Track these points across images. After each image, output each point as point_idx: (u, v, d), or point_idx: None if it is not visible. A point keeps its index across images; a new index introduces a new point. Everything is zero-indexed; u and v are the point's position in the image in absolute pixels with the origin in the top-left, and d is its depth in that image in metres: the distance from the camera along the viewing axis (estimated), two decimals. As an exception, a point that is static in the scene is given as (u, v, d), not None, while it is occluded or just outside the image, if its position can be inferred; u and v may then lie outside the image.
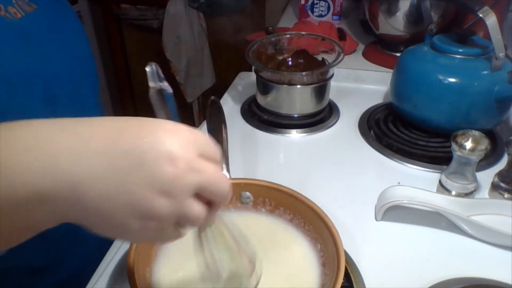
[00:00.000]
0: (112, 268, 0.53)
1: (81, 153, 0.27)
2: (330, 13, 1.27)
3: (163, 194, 0.28)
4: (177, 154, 0.28)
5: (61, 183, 0.27)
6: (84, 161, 0.27)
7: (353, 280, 0.50)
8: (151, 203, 0.28)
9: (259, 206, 0.54)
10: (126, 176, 0.27)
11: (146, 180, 0.27)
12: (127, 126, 0.29)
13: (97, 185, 0.27)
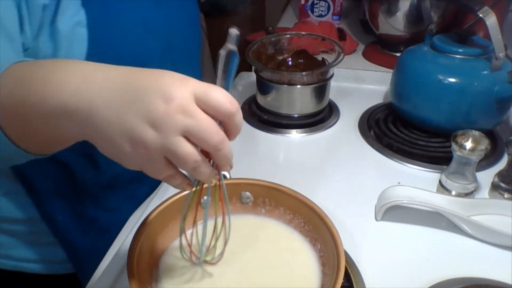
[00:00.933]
0: (112, 268, 0.53)
1: (102, 85, 0.34)
2: (330, 13, 1.27)
3: (152, 127, 0.33)
4: (173, 96, 0.32)
5: (80, 101, 0.34)
6: (102, 91, 0.34)
7: (353, 280, 0.50)
8: (140, 131, 0.33)
9: (259, 206, 0.54)
10: (127, 108, 0.33)
11: (141, 112, 0.33)
12: (144, 71, 0.35)
13: (105, 110, 0.33)
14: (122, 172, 0.64)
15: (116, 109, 0.33)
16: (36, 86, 0.35)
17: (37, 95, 0.35)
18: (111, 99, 0.34)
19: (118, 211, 0.66)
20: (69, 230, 0.63)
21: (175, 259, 0.49)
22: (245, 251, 0.50)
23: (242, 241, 0.51)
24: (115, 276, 0.52)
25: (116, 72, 0.35)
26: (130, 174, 0.65)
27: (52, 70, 0.36)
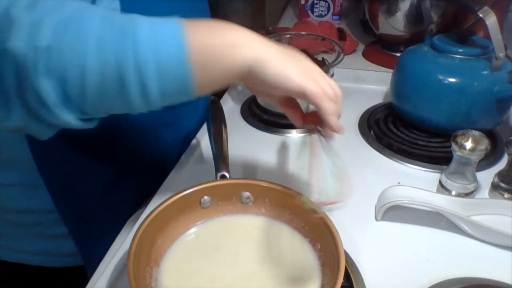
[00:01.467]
0: (112, 268, 0.53)
1: (267, 50, 0.42)
2: (330, 13, 1.27)
3: None
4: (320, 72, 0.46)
5: (256, 57, 0.41)
6: (268, 50, 0.42)
7: (353, 280, 0.50)
8: None
9: (259, 206, 0.54)
10: (292, 63, 0.43)
11: (302, 67, 0.44)
12: None
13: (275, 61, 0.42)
14: (137, 163, 0.67)
15: (284, 57, 0.43)
16: None
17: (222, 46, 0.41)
18: (277, 52, 0.43)
19: (131, 200, 0.68)
20: (80, 219, 0.64)
21: (175, 259, 0.49)
22: (245, 251, 0.50)
23: (242, 241, 0.51)
24: (115, 276, 0.52)
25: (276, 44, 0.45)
26: (145, 165, 0.68)
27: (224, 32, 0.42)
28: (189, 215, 0.52)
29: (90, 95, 0.38)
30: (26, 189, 0.63)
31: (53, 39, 0.36)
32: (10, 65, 0.36)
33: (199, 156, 0.73)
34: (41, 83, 0.36)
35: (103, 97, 0.39)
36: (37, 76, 0.36)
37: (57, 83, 0.37)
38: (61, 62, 0.36)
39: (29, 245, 0.68)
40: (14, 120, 0.39)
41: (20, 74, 0.36)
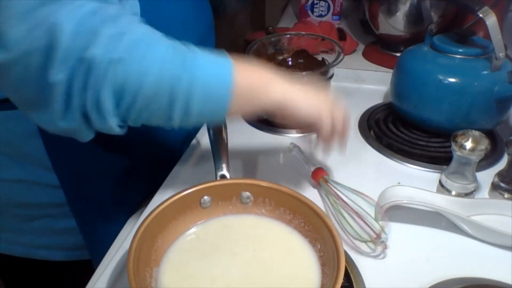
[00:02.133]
0: (112, 268, 0.53)
1: (292, 91, 0.52)
2: (330, 13, 1.27)
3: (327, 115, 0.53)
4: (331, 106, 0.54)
5: (285, 97, 0.51)
6: (293, 91, 0.52)
7: (353, 280, 0.50)
8: None
9: (259, 206, 0.54)
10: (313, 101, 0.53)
11: (323, 104, 0.54)
12: None
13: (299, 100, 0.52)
14: (146, 159, 0.69)
15: (305, 101, 0.52)
16: None
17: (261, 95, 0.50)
18: (300, 96, 0.52)
19: (140, 195, 0.69)
20: (89, 212, 0.65)
21: (175, 259, 0.49)
22: (245, 251, 0.50)
23: (242, 241, 0.51)
24: (115, 276, 0.52)
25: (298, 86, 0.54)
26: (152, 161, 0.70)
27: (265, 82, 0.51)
28: (189, 215, 0.52)
29: (138, 107, 0.44)
30: (36, 184, 0.63)
31: (125, 53, 0.41)
32: (83, 71, 0.40)
33: (199, 156, 0.73)
34: (104, 91, 0.41)
35: (149, 111, 0.45)
36: (103, 84, 0.41)
37: (116, 93, 0.42)
38: (125, 75, 0.42)
39: (34, 239, 0.69)
40: (68, 122, 0.43)
41: (88, 80, 0.41)
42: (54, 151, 0.60)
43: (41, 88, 0.41)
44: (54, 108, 0.42)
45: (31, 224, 0.67)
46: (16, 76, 0.41)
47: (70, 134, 0.46)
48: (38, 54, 0.39)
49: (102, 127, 0.45)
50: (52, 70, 0.40)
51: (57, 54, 0.39)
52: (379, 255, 0.54)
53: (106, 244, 0.59)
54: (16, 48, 0.39)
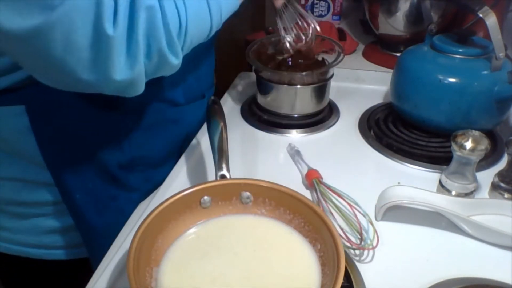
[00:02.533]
0: (112, 268, 0.53)
1: None
2: (330, 13, 1.27)
3: None
4: None
5: None
6: None
7: (353, 280, 0.50)
8: None
9: (259, 206, 0.54)
10: None
11: None
12: None
13: None
14: (142, 156, 0.69)
15: None
16: None
17: None
18: None
19: (137, 192, 0.69)
20: (85, 209, 0.65)
21: (175, 259, 0.49)
22: (245, 251, 0.50)
23: (242, 241, 0.51)
24: (115, 276, 0.52)
25: None
26: (149, 159, 0.71)
27: None
28: (189, 215, 0.52)
29: (191, 33, 0.50)
30: (30, 182, 0.63)
31: None
32: (142, 19, 0.44)
33: (199, 156, 0.73)
34: (166, 30, 0.46)
35: (198, 32, 0.52)
36: (163, 25, 0.46)
37: (174, 28, 0.47)
38: (175, 11, 0.47)
39: (30, 237, 0.68)
40: (127, 73, 0.46)
41: (149, 26, 0.45)
42: (46, 148, 0.59)
43: (97, 44, 0.42)
44: (113, 62, 0.44)
45: (26, 222, 0.67)
46: (65, 36, 0.41)
47: (124, 88, 0.49)
48: (87, 9, 0.41)
49: (167, 67, 0.50)
50: (107, 24, 0.41)
51: (106, 8, 0.41)
52: (365, 259, 0.54)
53: (104, 242, 0.59)
54: (63, 4, 0.39)
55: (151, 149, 0.70)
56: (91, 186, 0.65)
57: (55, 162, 0.61)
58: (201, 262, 0.48)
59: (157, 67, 0.49)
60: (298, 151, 0.72)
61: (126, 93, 0.50)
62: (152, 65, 0.48)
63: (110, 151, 0.65)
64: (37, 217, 0.67)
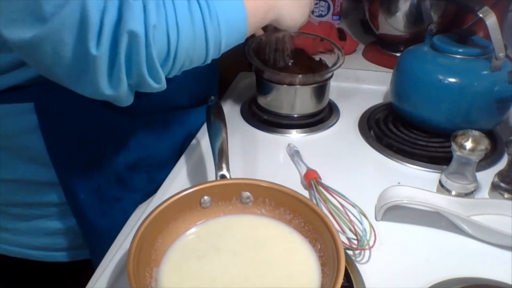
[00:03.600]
0: (112, 268, 0.53)
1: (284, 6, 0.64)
2: (330, 13, 1.26)
3: None
4: None
5: (272, 3, 0.62)
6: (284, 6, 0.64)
7: (353, 280, 0.50)
8: None
9: (259, 206, 0.54)
10: None
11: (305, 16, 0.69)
12: None
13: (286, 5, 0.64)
14: (147, 157, 0.69)
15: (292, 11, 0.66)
16: None
17: None
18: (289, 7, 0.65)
19: (140, 193, 0.69)
20: (89, 210, 0.65)
21: (175, 259, 0.49)
22: (245, 251, 0.50)
23: (242, 241, 0.51)
24: (115, 276, 0.52)
25: None
26: (154, 160, 0.71)
27: None
28: (189, 215, 0.52)
29: (181, 60, 0.50)
30: (33, 183, 0.63)
31: (157, 19, 0.45)
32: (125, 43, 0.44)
33: (199, 156, 0.73)
34: (149, 57, 0.46)
35: (189, 59, 0.51)
36: (146, 51, 0.45)
37: (160, 54, 0.47)
38: (164, 37, 0.46)
39: (31, 239, 0.68)
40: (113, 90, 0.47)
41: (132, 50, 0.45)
42: (54, 147, 0.60)
43: (83, 61, 0.44)
44: (98, 78, 0.45)
45: (28, 224, 0.67)
46: (54, 51, 0.43)
47: (114, 100, 0.50)
48: (73, 28, 0.42)
49: (148, 88, 0.50)
50: (91, 43, 0.43)
51: (91, 29, 0.42)
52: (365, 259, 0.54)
53: (106, 243, 0.59)
54: (51, 21, 0.42)
55: (156, 150, 0.71)
56: (96, 187, 0.65)
57: (62, 161, 0.61)
58: (201, 262, 0.48)
59: (137, 85, 0.50)
60: (297, 151, 0.72)
61: (117, 104, 0.52)
62: (132, 82, 0.48)
63: (117, 151, 0.66)
64: (39, 219, 0.67)
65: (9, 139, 0.60)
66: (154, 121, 0.69)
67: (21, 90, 0.57)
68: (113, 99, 0.50)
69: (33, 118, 0.57)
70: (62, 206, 0.65)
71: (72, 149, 0.61)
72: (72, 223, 0.66)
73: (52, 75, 0.48)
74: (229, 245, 0.50)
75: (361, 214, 0.55)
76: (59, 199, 0.64)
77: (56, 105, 0.58)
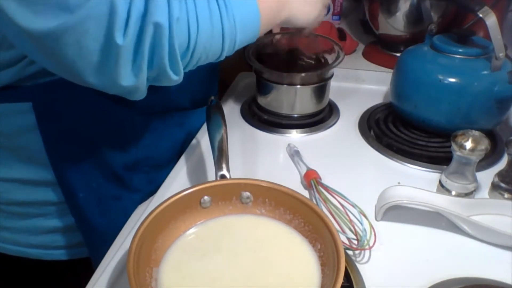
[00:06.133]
0: (112, 268, 0.53)
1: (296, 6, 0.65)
2: (330, 13, 1.26)
3: None
4: None
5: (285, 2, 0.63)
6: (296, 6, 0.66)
7: (353, 280, 0.50)
8: None
9: (259, 206, 0.54)
10: None
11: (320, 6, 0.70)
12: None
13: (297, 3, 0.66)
14: (147, 157, 0.69)
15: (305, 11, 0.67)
16: None
17: None
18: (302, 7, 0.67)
19: (140, 193, 0.69)
20: (88, 209, 0.65)
21: (175, 259, 0.49)
22: (245, 251, 0.50)
23: (242, 241, 0.51)
24: (115, 276, 0.52)
25: None
26: (154, 160, 0.71)
27: None
28: (189, 215, 0.52)
29: (198, 54, 0.51)
30: (31, 182, 0.63)
31: (180, 12, 0.47)
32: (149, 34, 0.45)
33: (199, 156, 0.73)
34: (171, 49, 0.47)
35: (206, 54, 0.52)
36: (169, 43, 0.47)
37: (181, 47, 0.48)
38: (185, 30, 0.48)
39: (29, 238, 0.68)
40: (131, 81, 0.48)
41: (155, 42, 0.46)
42: (52, 146, 0.60)
43: (107, 51, 0.45)
44: (120, 69, 0.46)
45: (26, 222, 0.67)
46: (77, 41, 0.44)
47: (128, 93, 0.51)
48: (100, 19, 0.43)
49: (166, 80, 0.51)
50: (117, 33, 0.43)
51: (119, 19, 0.43)
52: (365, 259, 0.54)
53: (105, 241, 0.59)
54: (78, 12, 0.42)
55: (156, 150, 0.71)
56: (95, 186, 0.65)
57: (60, 160, 0.61)
58: (201, 262, 0.48)
59: (156, 77, 0.50)
60: (297, 151, 0.72)
61: (129, 97, 0.52)
62: (152, 74, 0.49)
63: (116, 151, 0.66)
64: (37, 217, 0.67)
65: (7, 139, 0.60)
66: (154, 122, 0.69)
67: (19, 89, 0.57)
68: (128, 91, 0.50)
69: (31, 118, 0.57)
70: (60, 205, 0.65)
71: (70, 148, 0.61)
72: (70, 222, 0.66)
73: (70, 66, 0.47)
74: (229, 245, 0.50)
75: (361, 214, 0.55)
76: (57, 198, 0.64)
77: (54, 105, 0.58)
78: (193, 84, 0.73)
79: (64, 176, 0.62)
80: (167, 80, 0.51)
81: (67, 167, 0.62)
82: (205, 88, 0.80)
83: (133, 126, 0.67)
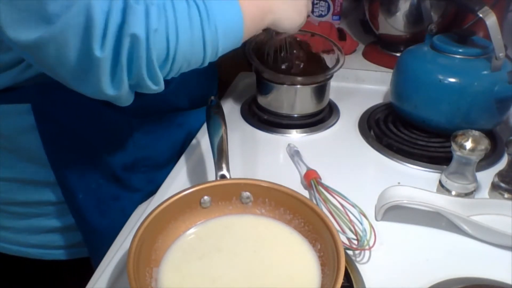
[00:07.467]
0: (112, 268, 0.53)
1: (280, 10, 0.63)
2: (330, 13, 1.26)
3: None
4: None
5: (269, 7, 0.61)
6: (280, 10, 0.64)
7: (353, 280, 0.50)
8: None
9: (259, 206, 0.54)
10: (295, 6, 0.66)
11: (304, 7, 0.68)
12: None
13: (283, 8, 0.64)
14: (146, 157, 0.70)
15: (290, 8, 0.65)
16: None
17: None
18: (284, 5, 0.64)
19: (139, 193, 0.69)
20: (87, 209, 0.65)
21: (175, 259, 0.49)
22: (245, 251, 0.50)
23: (242, 241, 0.51)
24: (115, 276, 0.52)
25: None
26: (153, 160, 0.71)
27: None
28: (189, 215, 0.52)
29: (179, 63, 0.51)
30: (31, 182, 0.63)
31: (158, 23, 0.46)
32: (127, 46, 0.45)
33: (199, 156, 0.73)
34: (149, 59, 0.47)
35: (187, 62, 0.52)
36: (147, 54, 0.47)
37: (159, 57, 0.48)
38: (164, 41, 0.48)
39: (29, 237, 0.68)
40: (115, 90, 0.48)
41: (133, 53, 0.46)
42: (51, 147, 0.60)
43: (87, 62, 0.45)
44: (101, 78, 0.46)
45: (26, 222, 0.67)
46: (58, 51, 0.44)
47: (114, 100, 0.51)
48: (78, 30, 0.43)
49: (146, 89, 0.51)
50: (95, 45, 0.44)
51: (96, 30, 0.43)
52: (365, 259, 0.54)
53: (105, 242, 0.59)
54: (57, 23, 0.42)
55: (155, 151, 0.71)
56: (95, 186, 0.65)
57: (59, 161, 0.61)
58: (201, 262, 0.48)
59: (136, 85, 0.51)
60: (297, 151, 0.72)
61: (117, 103, 0.52)
62: (132, 83, 0.50)
63: (114, 152, 0.66)
64: (37, 217, 0.67)
65: (7, 139, 0.60)
66: (153, 122, 0.69)
67: (18, 91, 0.57)
68: (114, 99, 0.51)
69: (30, 119, 0.58)
70: (60, 205, 0.65)
71: (69, 149, 0.61)
72: (70, 222, 0.66)
73: (55, 74, 0.48)
74: (229, 245, 0.50)
75: (361, 214, 0.55)
76: (57, 198, 0.64)
77: (53, 106, 0.58)
78: (191, 85, 0.73)
79: (64, 177, 0.62)
80: (147, 89, 0.51)
81: (66, 168, 0.62)
82: (203, 88, 0.80)
83: (130, 127, 0.67)
